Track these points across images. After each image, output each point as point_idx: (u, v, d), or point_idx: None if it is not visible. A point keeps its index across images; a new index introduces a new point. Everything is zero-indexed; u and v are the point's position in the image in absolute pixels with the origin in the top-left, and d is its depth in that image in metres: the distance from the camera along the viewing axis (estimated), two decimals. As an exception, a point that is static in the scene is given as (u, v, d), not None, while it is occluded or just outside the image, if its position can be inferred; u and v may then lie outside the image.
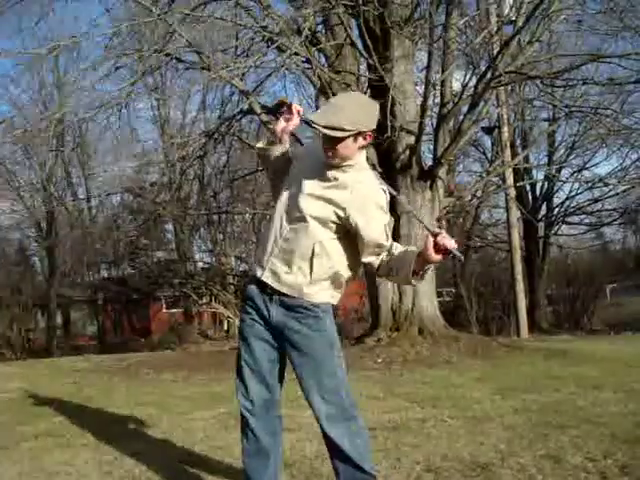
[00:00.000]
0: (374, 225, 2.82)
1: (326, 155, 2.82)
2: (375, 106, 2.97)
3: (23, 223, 32.53)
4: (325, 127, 2.71)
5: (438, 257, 2.65)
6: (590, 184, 22.84)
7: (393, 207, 3.13)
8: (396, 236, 10.19)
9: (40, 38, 25.29)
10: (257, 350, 3.00)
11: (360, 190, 2.83)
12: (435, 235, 2.63)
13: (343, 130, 2.72)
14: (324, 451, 4.31)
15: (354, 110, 2.77)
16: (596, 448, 4.08)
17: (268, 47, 10.14)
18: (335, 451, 2.97)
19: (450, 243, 2.61)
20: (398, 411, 5.47)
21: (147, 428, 5.45)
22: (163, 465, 4.23)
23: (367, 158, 3.03)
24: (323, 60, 10.93)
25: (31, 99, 29.54)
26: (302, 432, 4.70)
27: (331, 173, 2.85)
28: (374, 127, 2.86)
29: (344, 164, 2.83)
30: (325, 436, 2.99)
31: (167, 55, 10.48)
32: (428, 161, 11.66)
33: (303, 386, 2.95)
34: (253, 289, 2.99)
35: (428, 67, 9.91)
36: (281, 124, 3.00)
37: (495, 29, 10.63)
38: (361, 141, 2.81)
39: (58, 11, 38.71)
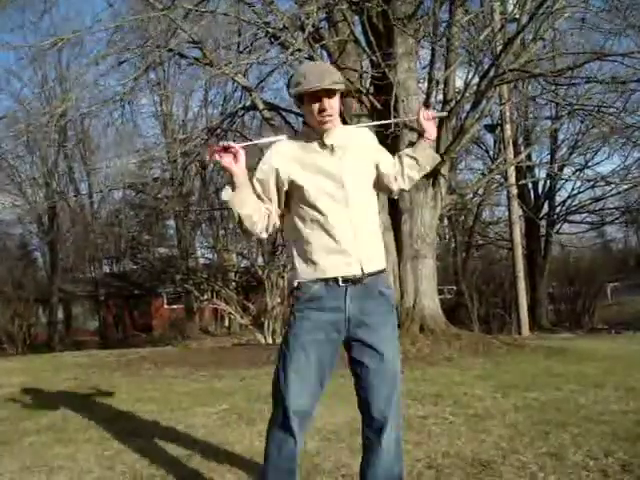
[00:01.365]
0: (386, 155, 3.16)
1: (324, 121, 2.85)
2: None
3: (25, 218, 32.62)
4: (334, 83, 2.81)
5: (433, 127, 3.18)
6: (592, 183, 22.84)
7: (395, 204, 3.27)
8: (397, 233, 10.25)
9: (43, 33, 25.34)
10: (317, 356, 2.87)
11: (358, 135, 3.08)
12: (419, 112, 3.16)
13: (340, 83, 2.85)
14: (325, 447, 4.33)
15: (333, 69, 2.93)
16: (597, 446, 4.08)
17: (271, 43, 10.15)
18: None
19: (429, 112, 3.17)
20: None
21: (148, 424, 5.45)
22: (164, 461, 4.24)
23: None
24: (326, 57, 10.92)
25: (33, 94, 29.64)
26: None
27: (330, 143, 2.92)
28: None
29: (336, 125, 2.92)
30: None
31: (170, 51, 10.49)
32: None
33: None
34: (318, 289, 2.86)
35: (431, 64, 9.91)
36: (233, 166, 2.77)
37: (499, 27, 10.61)
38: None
39: (61, 6, 38.80)
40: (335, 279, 2.82)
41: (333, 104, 2.84)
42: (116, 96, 10.82)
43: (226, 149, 2.76)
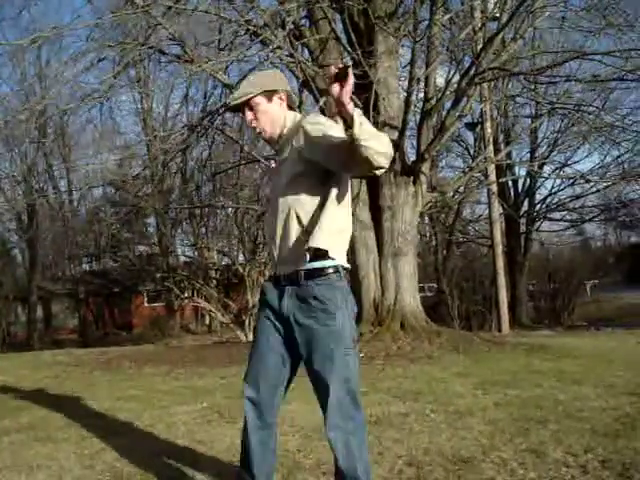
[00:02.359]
0: (333, 131, 2.63)
1: (255, 131, 2.95)
2: (279, 73, 3.14)
3: (4, 215, 32.30)
4: (234, 99, 2.90)
5: (340, 90, 2.40)
6: (572, 181, 22.95)
7: (375, 200, 3.24)
8: (378, 230, 10.27)
9: (22, 29, 25.10)
10: None
11: (297, 132, 2.80)
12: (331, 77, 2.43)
13: (246, 94, 2.87)
14: (306, 445, 4.34)
15: (255, 77, 2.98)
16: (577, 442, 4.11)
17: (252, 40, 10.12)
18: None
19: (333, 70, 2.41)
20: (380, 405, 5.48)
21: (129, 422, 5.43)
22: (145, 459, 4.22)
23: None
24: (307, 54, 10.92)
25: (12, 90, 29.32)
26: (285, 426, 4.70)
27: (276, 147, 2.99)
28: (285, 88, 2.98)
29: (276, 132, 2.93)
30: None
31: (150, 48, 10.44)
32: (411, 156, 11.69)
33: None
34: (267, 284, 3.05)
35: (412, 63, 9.92)
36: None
37: (479, 25, 10.66)
38: (277, 100, 2.93)
39: (40, 2, 38.46)
40: (276, 277, 2.93)
41: (257, 114, 2.90)
42: (95, 93, 10.75)
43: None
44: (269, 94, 2.90)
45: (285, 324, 2.90)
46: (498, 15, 10.10)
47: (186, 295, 23.19)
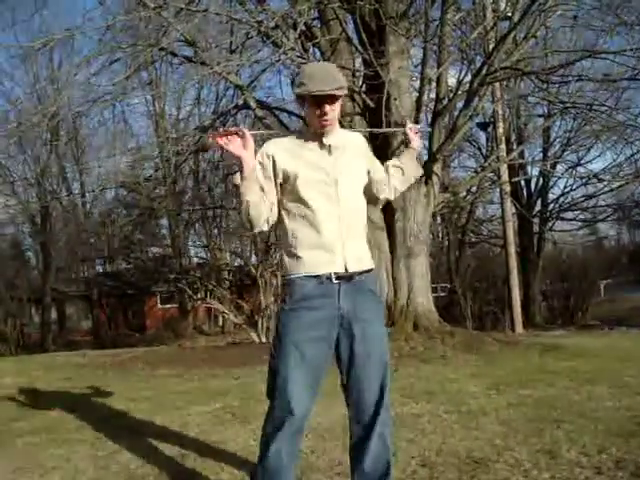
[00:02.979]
0: (377, 164, 3.25)
1: (323, 124, 2.88)
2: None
3: (17, 218, 32.47)
4: (337, 89, 2.81)
5: (419, 140, 3.42)
6: (585, 180, 22.85)
7: (387, 202, 3.32)
8: (390, 231, 10.26)
9: (35, 31, 25.25)
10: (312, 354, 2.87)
11: (354, 140, 3.12)
12: (405, 126, 3.40)
13: (344, 88, 2.86)
14: (320, 445, 4.34)
15: (338, 73, 2.92)
16: (591, 443, 4.09)
17: (263, 42, 10.15)
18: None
19: (415, 126, 3.43)
20: (393, 406, 5.44)
21: (143, 423, 5.45)
22: (159, 460, 4.24)
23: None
24: (318, 55, 10.92)
25: (25, 93, 29.43)
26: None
27: (329, 143, 2.96)
28: None
29: (334, 128, 2.97)
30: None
31: (162, 49, 10.47)
32: (423, 157, 11.67)
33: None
34: (310, 287, 2.85)
35: (423, 63, 9.91)
36: (243, 152, 2.78)
37: (491, 25, 10.63)
38: (341, 99, 2.97)
39: (52, 4, 38.64)
40: (328, 276, 2.83)
41: (334, 108, 2.88)
42: (107, 95, 10.79)
43: (235, 134, 2.77)
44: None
45: (337, 323, 2.87)
46: (510, 14, 10.06)
47: (199, 296, 23.20)
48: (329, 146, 2.94)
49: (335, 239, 2.86)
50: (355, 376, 2.90)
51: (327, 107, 2.83)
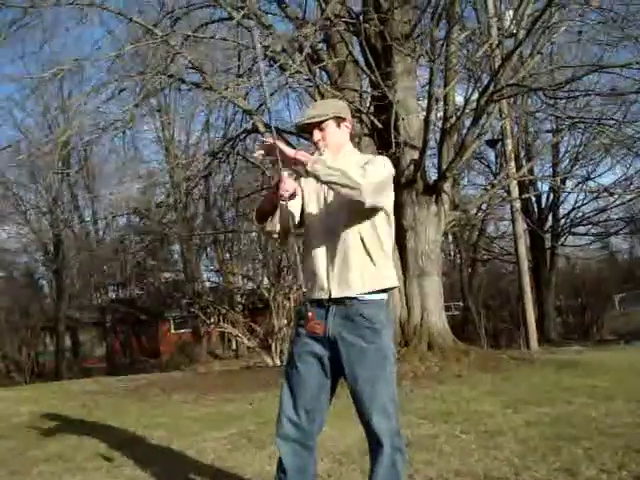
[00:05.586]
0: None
1: (317, 146, 3.05)
2: (346, 104, 3.41)
3: (30, 246, 32.61)
4: (309, 118, 3.06)
5: (301, 154, 2.88)
6: (595, 194, 22.80)
7: (398, 220, 3.31)
8: (402, 249, 10.24)
9: (44, 61, 25.48)
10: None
11: (351, 159, 3.04)
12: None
13: (321, 115, 3.05)
14: (336, 469, 4.31)
15: (326, 103, 3.31)
16: (610, 460, 4.05)
17: (270, 66, 10.20)
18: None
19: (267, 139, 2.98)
20: (409, 427, 5.43)
21: (158, 450, 5.44)
22: (175, 487, 4.22)
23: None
24: (325, 77, 10.98)
25: (36, 123, 29.65)
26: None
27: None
28: (350, 117, 3.18)
29: (337, 151, 3.06)
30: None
31: (170, 76, 10.56)
32: (433, 175, 11.68)
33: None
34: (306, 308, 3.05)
35: (430, 82, 9.94)
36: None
37: (496, 43, 10.65)
38: (344, 128, 3.13)
39: (60, 34, 39.03)
40: (319, 300, 2.97)
41: (325, 135, 3.05)
42: (117, 122, 10.86)
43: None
44: (339, 120, 3.09)
45: (326, 345, 2.95)
46: (515, 32, 10.09)
47: (212, 320, 23.19)
48: None
49: (322, 266, 2.98)
50: (354, 399, 2.95)
51: (315, 135, 3.06)
